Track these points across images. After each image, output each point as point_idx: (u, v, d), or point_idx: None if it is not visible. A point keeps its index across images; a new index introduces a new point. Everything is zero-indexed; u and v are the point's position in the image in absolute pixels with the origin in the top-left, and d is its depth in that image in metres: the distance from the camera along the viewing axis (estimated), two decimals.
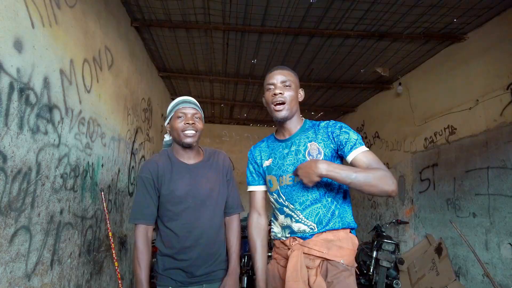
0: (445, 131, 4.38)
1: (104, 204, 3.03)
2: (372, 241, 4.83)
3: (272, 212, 1.69)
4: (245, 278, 2.77)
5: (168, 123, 1.72)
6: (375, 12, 3.59)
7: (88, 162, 2.81)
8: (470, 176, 3.93)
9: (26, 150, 1.91)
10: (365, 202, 6.71)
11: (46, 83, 2.10)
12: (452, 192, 4.20)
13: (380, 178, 1.32)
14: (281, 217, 1.58)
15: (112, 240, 3.00)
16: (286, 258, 1.50)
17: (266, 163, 1.65)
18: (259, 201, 1.73)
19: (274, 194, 1.60)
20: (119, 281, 3.01)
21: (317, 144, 1.53)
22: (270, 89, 1.58)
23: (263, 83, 5.15)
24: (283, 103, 1.54)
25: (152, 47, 4.57)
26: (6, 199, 1.76)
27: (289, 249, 1.51)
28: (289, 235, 1.54)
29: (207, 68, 5.26)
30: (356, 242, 1.52)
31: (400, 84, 5.30)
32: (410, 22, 3.78)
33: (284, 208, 1.56)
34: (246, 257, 2.89)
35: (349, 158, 1.45)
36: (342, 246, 1.45)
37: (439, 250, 4.23)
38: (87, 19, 2.70)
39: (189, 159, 1.70)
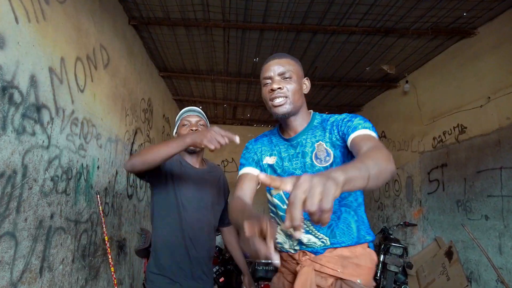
0: (454, 130, 4.21)
1: (100, 207, 2.93)
2: (379, 244, 4.67)
3: (271, 214, 1.47)
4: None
5: (175, 133, 1.85)
6: (380, 7, 3.44)
7: (82, 164, 2.71)
8: (481, 177, 3.76)
9: (10, 152, 1.81)
10: (372, 204, 6.54)
11: (33, 81, 2.01)
12: (463, 193, 4.02)
13: (385, 159, 0.94)
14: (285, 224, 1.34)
15: (108, 245, 2.91)
16: (294, 273, 1.32)
17: (268, 160, 1.41)
18: (250, 183, 1.38)
19: (276, 198, 1.39)
20: (116, 287, 2.90)
21: (324, 145, 1.30)
22: (267, 84, 1.32)
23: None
24: (283, 97, 1.28)
25: (151, 46, 4.47)
26: None
27: (298, 263, 1.32)
28: (298, 248, 1.34)
29: (208, 68, 5.15)
30: (375, 258, 1.32)
31: (407, 82, 5.13)
32: (417, 17, 3.62)
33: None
34: (246, 263, 2.77)
35: (349, 141, 1.19)
36: (360, 263, 1.26)
37: (449, 253, 4.06)
38: (79, 16, 2.61)
39: (194, 164, 1.81)
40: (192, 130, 1.75)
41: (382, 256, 4.25)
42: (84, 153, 2.75)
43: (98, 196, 2.95)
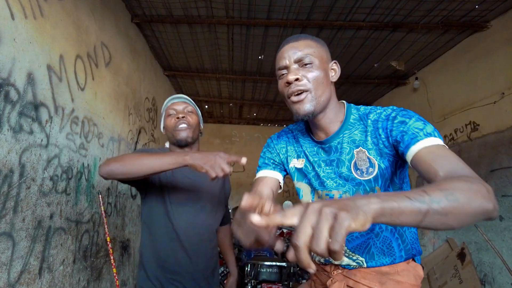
0: (466, 128, 4.07)
1: (102, 207, 2.89)
2: None
3: None
4: (249, 287, 2.58)
5: (163, 127, 1.61)
6: (388, 1, 3.33)
7: (83, 164, 2.67)
8: (495, 176, 3.61)
9: (6, 151, 1.77)
10: None
11: (30, 79, 1.97)
12: None
13: (473, 192, 0.67)
14: None
15: (110, 245, 2.86)
16: (325, 286, 1.16)
17: (296, 162, 1.17)
18: (266, 188, 1.17)
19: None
20: None
21: (366, 152, 1.03)
22: (282, 75, 1.04)
23: (271, 80, 4.82)
24: (303, 92, 1.00)
25: (155, 45, 4.43)
26: None
27: (329, 277, 1.15)
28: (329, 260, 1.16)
29: (213, 66, 5.10)
30: (421, 273, 1.11)
31: (416, 78, 4.99)
32: (426, 11, 3.50)
33: None
34: (249, 265, 2.69)
35: (409, 156, 0.90)
36: (401, 281, 1.06)
37: (462, 255, 3.92)
38: (79, 13, 2.57)
39: None
40: (178, 118, 1.51)
41: None
42: (85, 152, 2.71)
43: (100, 196, 2.91)
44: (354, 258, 1.10)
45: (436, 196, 0.62)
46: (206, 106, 7.13)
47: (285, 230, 4.80)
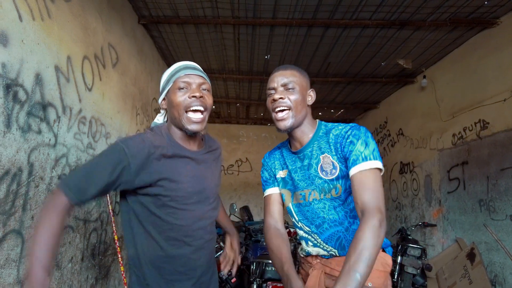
0: (475, 126, 4.01)
1: (110, 206, 2.93)
2: (396, 245, 4.51)
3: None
4: (254, 286, 2.58)
5: (164, 99, 1.29)
6: None
7: None
8: (506, 175, 3.55)
9: (15, 150, 1.81)
10: (389, 203, 6.35)
11: (38, 79, 2.00)
12: (485, 192, 3.82)
13: (375, 246, 1.01)
14: (300, 233, 1.43)
15: (118, 244, 2.90)
16: (308, 274, 1.37)
17: (281, 173, 1.44)
18: (275, 205, 1.46)
19: (287, 210, 1.45)
20: (125, 286, 2.90)
21: (330, 157, 1.28)
22: (270, 94, 1.33)
23: None
24: (285, 109, 1.28)
25: (162, 45, 4.48)
26: None
27: (310, 266, 1.37)
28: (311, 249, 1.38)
29: (219, 66, 5.12)
30: (389, 262, 1.31)
31: (424, 77, 4.94)
32: (434, 8, 3.46)
33: (298, 230, 1.42)
34: (255, 263, 2.70)
35: (350, 173, 1.20)
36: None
37: (471, 256, 3.86)
38: (86, 15, 2.61)
39: (192, 147, 1.30)
40: (194, 96, 1.20)
41: (399, 258, 4.09)
42: (93, 152, 2.75)
43: (108, 195, 2.95)
44: (328, 249, 1.31)
45: (361, 269, 0.97)
46: (214, 107, 7.16)
47: (292, 230, 4.80)
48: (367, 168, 1.16)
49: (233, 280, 3.49)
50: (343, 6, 3.45)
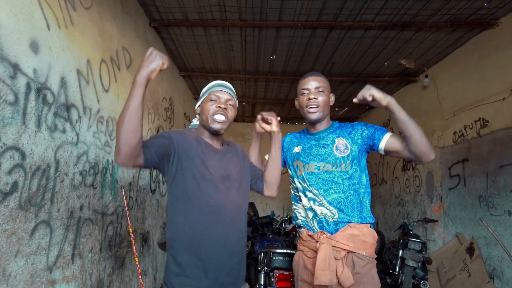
0: (476, 124, 4.13)
1: (125, 201, 3.11)
2: (398, 239, 4.65)
3: (294, 197, 1.85)
4: (262, 275, 2.74)
5: (199, 106, 1.61)
6: (396, 1, 3.43)
7: (108, 160, 2.89)
8: (504, 172, 3.67)
9: (44, 148, 1.98)
10: (392, 200, 6.48)
11: (63, 83, 2.18)
12: (485, 188, 3.94)
13: (428, 141, 1.54)
14: (304, 200, 1.73)
15: (133, 236, 3.08)
16: (314, 251, 1.66)
17: (296, 149, 1.82)
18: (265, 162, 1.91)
19: (299, 179, 1.76)
20: (139, 277, 3.07)
21: (344, 140, 1.70)
22: (304, 93, 1.74)
23: (283, 79, 5.21)
24: (316, 107, 1.71)
25: (171, 47, 4.64)
26: (25, 194, 1.83)
27: (317, 242, 1.64)
28: (318, 228, 1.68)
29: (226, 66, 5.27)
30: (376, 236, 1.68)
31: (426, 76, 5.05)
32: (435, 10, 3.58)
33: (308, 193, 1.71)
34: (262, 253, 2.86)
35: (383, 141, 1.63)
36: (366, 240, 1.61)
37: (470, 250, 3.99)
38: (103, 20, 2.78)
39: (216, 145, 1.56)
40: (219, 107, 1.49)
41: (400, 251, 4.24)
42: (110, 149, 2.92)
43: (123, 190, 3.13)
44: (330, 209, 1.65)
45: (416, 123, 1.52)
46: (243, 103, 7.31)
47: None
48: (390, 134, 1.67)
49: None
50: (346, 9, 3.58)
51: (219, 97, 1.53)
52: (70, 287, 2.28)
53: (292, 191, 1.87)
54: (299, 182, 1.77)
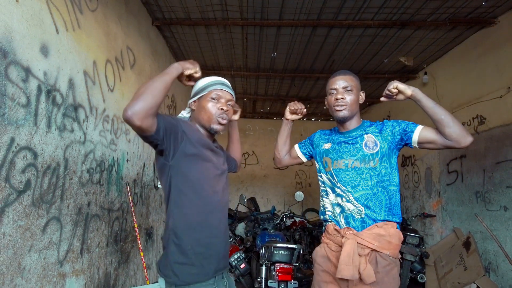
0: (473, 121, 4.19)
1: (130, 197, 3.19)
2: None
3: (322, 191, 1.89)
4: (263, 268, 2.84)
5: (194, 101, 1.55)
6: (395, 0, 3.48)
7: (113, 158, 2.97)
8: (501, 168, 3.75)
9: (54, 147, 2.06)
10: None
11: (71, 84, 2.25)
12: (482, 184, 4.02)
13: (460, 123, 1.54)
14: (332, 196, 1.77)
15: (137, 231, 3.17)
16: (339, 245, 1.70)
17: (326, 146, 1.85)
18: (293, 152, 2.09)
19: (328, 175, 1.80)
20: (145, 270, 3.17)
21: (373, 137, 1.71)
22: (332, 93, 1.76)
23: (283, 76, 5.31)
24: (344, 105, 1.72)
25: (174, 45, 4.70)
26: (38, 192, 1.92)
27: (343, 236, 1.67)
28: (344, 223, 1.71)
29: (228, 64, 5.33)
30: (402, 237, 1.71)
31: (425, 73, 5.10)
32: (434, 8, 3.63)
33: (336, 189, 1.74)
34: (264, 248, 2.96)
35: (416, 133, 1.64)
36: (391, 241, 1.63)
37: (467, 244, 4.08)
38: (108, 22, 2.84)
39: (211, 141, 1.59)
40: (223, 109, 1.49)
41: None
42: (115, 147, 3.01)
43: (128, 186, 3.21)
44: (357, 205, 1.67)
45: (449, 113, 1.57)
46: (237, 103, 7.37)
47: (297, 220, 5.05)
48: (422, 126, 1.68)
49: (242, 265, 3.75)
50: (346, 7, 3.63)
51: (221, 96, 1.51)
52: (79, 281, 2.38)
53: (321, 186, 1.90)
54: (328, 178, 1.80)
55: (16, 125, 1.72)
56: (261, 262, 2.89)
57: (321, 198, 1.91)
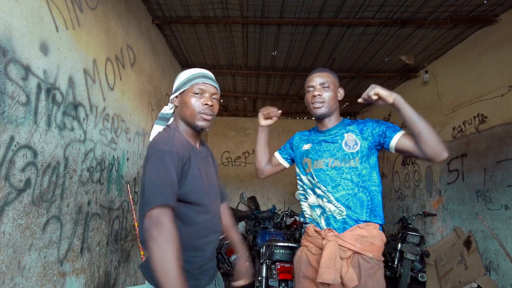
0: (474, 120, 4.18)
1: (130, 196, 3.19)
2: (397, 233, 4.74)
3: (301, 194, 1.82)
4: (264, 267, 2.83)
5: (176, 96, 1.41)
6: None
7: (114, 156, 2.97)
8: (502, 167, 3.74)
9: (54, 146, 2.05)
10: (392, 194, 6.56)
11: (70, 82, 2.24)
12: (482, 183, 4.02)
13: (439, 138, 1.46)
14: (313, 197, 1.72)
15: (137, 231, 3.16)
16: (319, 247, 1.64)
17: (305, 147, 1.80)
18: (274, 160, 2.02)
19: (308, 176, 1.74)
20: None
21: (354, 136, 1.66)
22: (309, 91, 1.72)
23: (284, 75, 5.29)
24: (321, 102, 1.67)
25: (174, 44, 4.68)
26: (38, 191, 1.91)
27: (323, 238, 1.61)
28: (325, 225, 1.64)
29: (228, 62, 5.32)
30: (384, 239, 1.64)
31: (426, 72, 5.09)
32: (435, 7, 3.61)
33: (316, 189, 1.69)
34: (264, 247, 2.95)
35: (394, 139, 1.58)
36: (374, 243, 1.57)
37: (467, 243, 4.08)
38: (108, 20, 2.83)
39: (195, 143, 1.44)
40: (207, 104, 1.35)
41: (399, 245, 4.33)
42: (115, 146, 3.00)
43: (128, 185, 3.21)
44: (338, 206, 1.61)
45: (425, 120, 1.45)
46: (222, 100, 7.37)
47: (298, 218, 5.04)
48: (403, 133, 1.61)
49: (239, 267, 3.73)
50: (347, 6, 3.62)
51: (204, 90, 1.37)
52: (79, 279, 2.38)
53: (299, 190, 1.83)
54: (308, 180, 1.74)
55: (16, 124, 1.71)
56: (261, 261, 2.88)
57: (300, 201, 1.84)
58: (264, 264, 2.84)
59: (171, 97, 1.43)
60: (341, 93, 1.75)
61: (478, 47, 4.13)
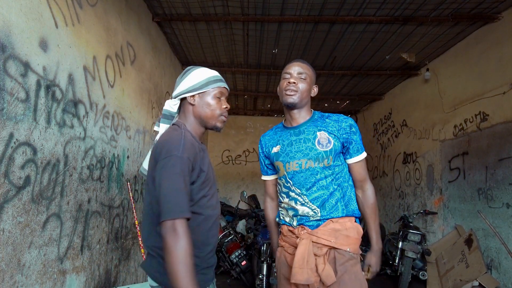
0: (476, 118, 4.17)
1: (130, 194, 3.18)
2: (398, 231, 4.73)
3: (279, 196, 1.77)
4: (265, 266, 2.82)
5: (196, 94, 1.40)
6: None
7: (114, 154, 2.95)
8: (503, 165, 3.72)
9: (54, 143, 2.04)
10: (393, 193, 6.54)
11: (70, 79, 2.23)
12: (484, 181, 4.00)
13: (376, 207, 1.67)
14: (286, 200, 1.66)
15: (138, 229, 3.16)
16: (294, 246, 1.59)
17: (274, 149, 1.71)
18: (271, 188, 1.89)
19: (282, 179, 1.69)
20: None
21: (327, 134, 1.60)
22: (286, 77, 1.66)
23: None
24: (295, 91, 1.61)
25: (174, 41, 4.67)
26: (37, 188, 1.90)
27: (297, 237, 1.58)
28: (296, 224, 1.61)
29: (228, 60, 5.30)
30: (361, 231, 1.62)
31: (427, 70, 5.07)
32: (436, 4, 3.59)
33: (290, 192, 1.63)
34: (265, 244, 2.94)
35: (350, 160, 1.65)
36: (349, 235, 1.54)
37: (469, 241, 4.07)
38: (108, 17, 2.81)
39: (200, 140, 1.48)
40: (226, 107, 1.44)
41: (400, 243, 4.32)
42: (115, 143, 2.99)
43: (129, 183, 3.20)
44: (313, 208, 1.57)
45: (376, 225, 1.67)
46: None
47: None
48: (363, 157, 1.67)
49: (243, 263, 3.74)
50: (348, 3, 3.59)
51: (223, 94, 1.44)
52: (79, 277, 2.37)
53: (278, 186, 1.77)
54: (283, 183, 1.68)
55: (15, 121, 1.70)
56: (262, 259, 2.88)
57: (279, 202, 1.78)
58: (265, 262, 2.83)
59: (186, 94, 1.40)
60: (315, 90, 1.72)
61: (480, 44, 4.11)
